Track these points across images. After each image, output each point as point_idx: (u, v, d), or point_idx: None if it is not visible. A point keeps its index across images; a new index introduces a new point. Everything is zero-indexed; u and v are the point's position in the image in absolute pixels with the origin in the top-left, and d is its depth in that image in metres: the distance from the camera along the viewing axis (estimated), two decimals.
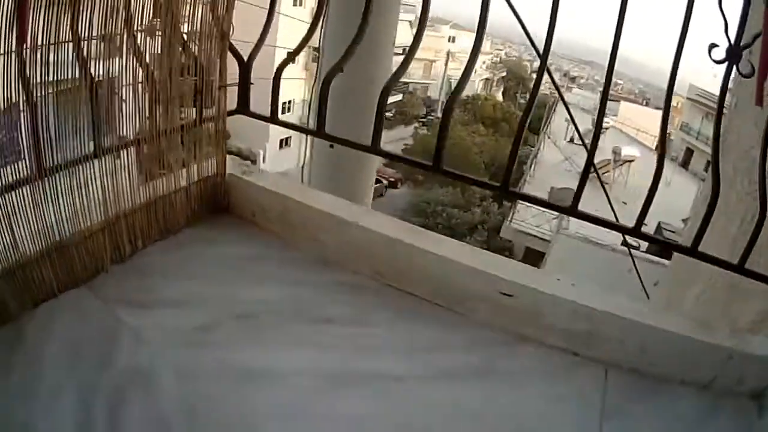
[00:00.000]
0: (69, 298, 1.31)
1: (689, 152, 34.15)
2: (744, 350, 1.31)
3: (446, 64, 37.64)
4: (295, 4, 22.15)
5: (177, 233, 1.58)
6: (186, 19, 1.31)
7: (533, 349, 1.40)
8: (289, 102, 23.94)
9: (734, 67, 1.12)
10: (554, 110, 27.84)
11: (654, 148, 32.28)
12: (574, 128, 20.78)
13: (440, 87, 38.24)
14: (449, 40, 46.05)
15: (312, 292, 1.50)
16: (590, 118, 26.68)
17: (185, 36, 1.32)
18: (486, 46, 54.82)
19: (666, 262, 10.63)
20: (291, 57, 1.44)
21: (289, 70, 1.49)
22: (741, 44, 1.10)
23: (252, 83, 1.50)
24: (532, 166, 17.53)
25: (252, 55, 1.49)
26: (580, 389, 1.33)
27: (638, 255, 10.94)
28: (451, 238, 1.64)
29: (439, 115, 35.67)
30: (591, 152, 1.33)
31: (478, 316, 1.46)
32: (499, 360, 1.37)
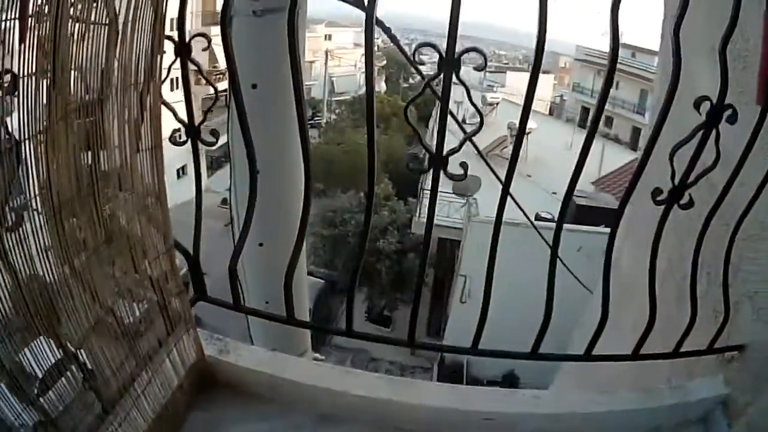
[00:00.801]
0: None
1: (585, 110, 36.53)
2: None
3: (326, 64, 37.72)
4: (172, 89, 20.52)
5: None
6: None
7: None
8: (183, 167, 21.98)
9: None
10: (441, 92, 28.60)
11: (548, 112, 34.19)
12: (464, 107, 21.53)
13: (323, 86, 38.31)
14: (326, 39, 46.04)
15: None
16: (479, 94, 27.51)
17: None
18: (361, 39, 55.12)
19: (587, 228, 11.12)
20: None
21: None
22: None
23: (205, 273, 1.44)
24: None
25: (197, 247, 1.40)
26: None
27: (553, 226, 11.70)
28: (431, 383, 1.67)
29: (326, 115, 35.40)
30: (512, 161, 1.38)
31: None
32: None
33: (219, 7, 1.14)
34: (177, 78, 1.14)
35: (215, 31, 1.11)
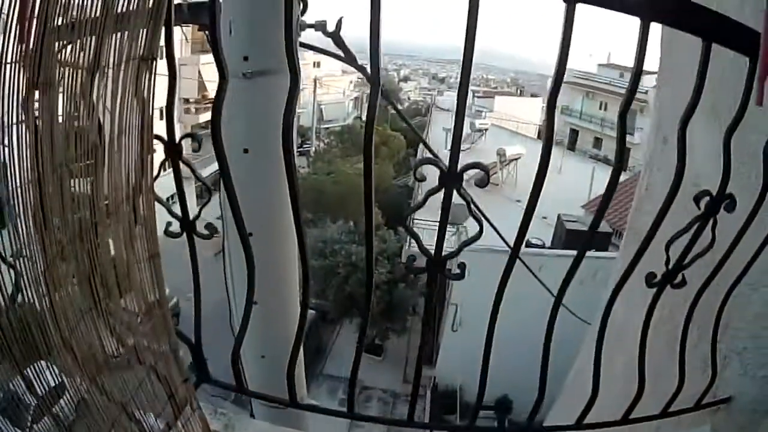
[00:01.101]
0: None
1: (574, 132, 37.12)
2: None
3: (314, 92, 38.04)
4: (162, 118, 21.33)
5: None
6: None
7: None
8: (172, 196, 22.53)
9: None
10: (429, 121, 28.65)
11: (537, 137, 34.47)
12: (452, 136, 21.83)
13: (312, 114, 38.62)
14: (314, 66, 46.42)
15: None
16: (468, 120, 27.86)
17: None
18: (350, 66, 55.78)
19: (573, 252, 11.50)
20: None
21: None
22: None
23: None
24: (418, 186, 17.95)
25: (198, 336, 1.40)
26: None
27: (546, 252, 11.48)
28: None
29: (315, 143, 35.62)
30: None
31: None
32: None
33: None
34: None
35: (204, 59, 1.09)
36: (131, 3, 0.85)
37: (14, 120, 0.77)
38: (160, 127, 1.05)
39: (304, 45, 2.15)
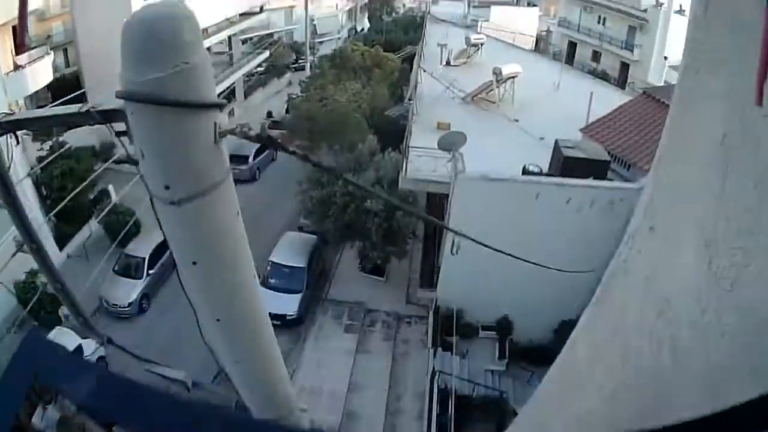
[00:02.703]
0: None
1: (572, 46, 36.22)
2: None
3: (306, 7, 36.97)
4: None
5: None
6: None
7: None
8: None
9: None
10: (425, 33, 27.42)
11: (533, 48, 33.30)
12: (449, 49, 20.43)
13: (305, 30, 37.67)
14: None
15: None
16: (463, 33, 26.56)
17: None
18: None
19: (574, 182, 11.26)
20: None
21: None
22: None
23: None
24: (414, 102, 17.23)
25: None
26: None
27: (544, 181, 11.57)
28: None
29: (309, 59, 35.04)
30: None
31: None
32: None
33: None
34: None
35: None
36: None
37: None
38: None
39: None
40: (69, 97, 6.86)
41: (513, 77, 18.79)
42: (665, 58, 31.33)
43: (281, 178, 19.80)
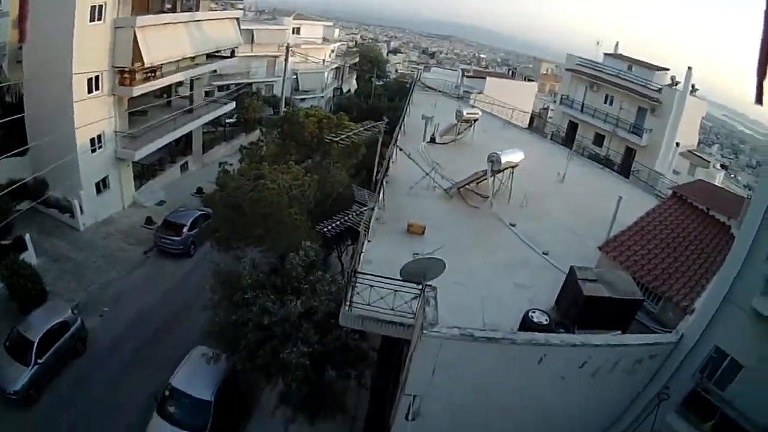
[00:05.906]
0: None
1: (573, 126, 33.82)
2: None
3: (286, 60, 33.94)
4: (92, 20, 19.19)
5: None
6: None
7: None
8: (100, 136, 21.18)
9: None
10: (409, 101, 24.72)
11: (527, 126, 30.81)
12: (434, 126, 16.46)
13: (282, 83, 34.76)
14: (294, 32, 42.52)
15: None
16: (454, 105, 24.05)
17: None
18: (336, 33, 51.93)
19: (601, 338, 8.06)
20: None
21: None
22: None
23: None
24: (381, 192, 13.65)
25: None
26: None
27: (555, 341, 7.87)
28: None
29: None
30: None
31: None
32: None
33: None
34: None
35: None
36: None
37: None
38: None
39: None
40: None
41: (513, 167, 15.76)
42: (677, 144, 28.74)
43: (223, 256, 15.99)
